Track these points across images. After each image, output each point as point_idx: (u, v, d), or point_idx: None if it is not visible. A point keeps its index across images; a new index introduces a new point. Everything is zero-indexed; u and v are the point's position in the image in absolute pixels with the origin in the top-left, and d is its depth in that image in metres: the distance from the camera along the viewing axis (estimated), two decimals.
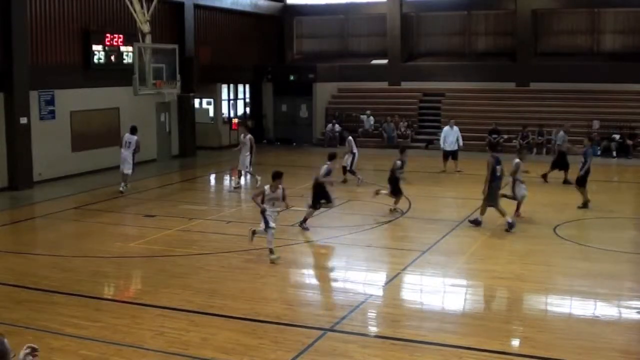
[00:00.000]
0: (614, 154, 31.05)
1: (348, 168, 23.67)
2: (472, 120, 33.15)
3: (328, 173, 17.56)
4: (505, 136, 32.46)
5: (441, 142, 27.26)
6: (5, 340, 4.53)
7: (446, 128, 27.32)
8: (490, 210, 17.29)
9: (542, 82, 34.92)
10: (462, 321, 11.30)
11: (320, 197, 17.38)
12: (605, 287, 12.84)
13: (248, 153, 23.02)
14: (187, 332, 10.41)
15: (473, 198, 21.04)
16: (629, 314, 11.64)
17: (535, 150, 31.93)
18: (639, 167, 28.68)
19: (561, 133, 25.02)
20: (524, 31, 35.97)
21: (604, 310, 11.89)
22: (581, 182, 19.81)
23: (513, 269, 13.95)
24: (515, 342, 10.58)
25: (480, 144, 30.67)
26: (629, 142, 30.91)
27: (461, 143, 26.82)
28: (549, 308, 12.11)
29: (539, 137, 32.31)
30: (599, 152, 31.00)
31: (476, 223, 17.28)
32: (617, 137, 31.57)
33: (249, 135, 23.38)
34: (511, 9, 36.22)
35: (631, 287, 12.81)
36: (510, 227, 16.69)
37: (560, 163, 24.01)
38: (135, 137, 22.29)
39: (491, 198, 17.18)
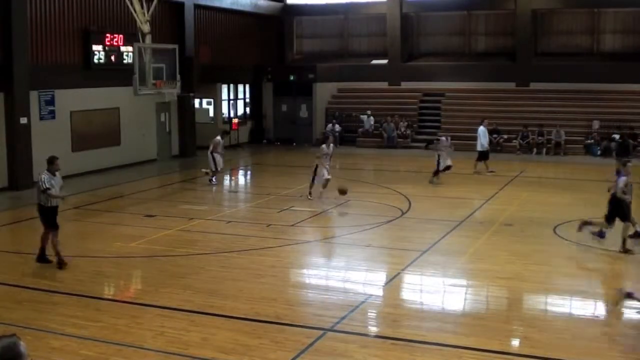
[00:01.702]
0: (614, 153, 31.05)
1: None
2: (472, 120, 33.13)
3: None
4: (505, 136, 32.51)
5: (478, 144, 26.29)
6: (22, 343, 4.34)
7: (482, 128, 26.56)
8: (489, 210, 17.30)
9: (542, 82, 34.93)
10: (461, 321, 11.29)
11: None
12: (606, 287, 12.84)
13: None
14: (187, 332, 10.41)
15: (472, 198, 21.14)
16: (629, 314, 11.63)
17: (535, 150, 31.97)
18: (635, 166, 28.67)
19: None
20: (523, 31, 35.98)
21: (604, 310, 11.89)
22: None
23: (513, 269, 13.96)
24: (515, 342, 10.58)
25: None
26: (631, 141, 30.88)
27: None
28: (549, 308, 12.11)
29: (539, 137, 32.34)
30: (599, 153, 31.04)
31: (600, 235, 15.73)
32: (617, 137, 31.57)
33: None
34: (511, 9, 36.22)
35: (631, 287, 12.77)
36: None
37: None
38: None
39: None
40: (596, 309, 11.96)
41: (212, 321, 10.96)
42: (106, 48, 26.50)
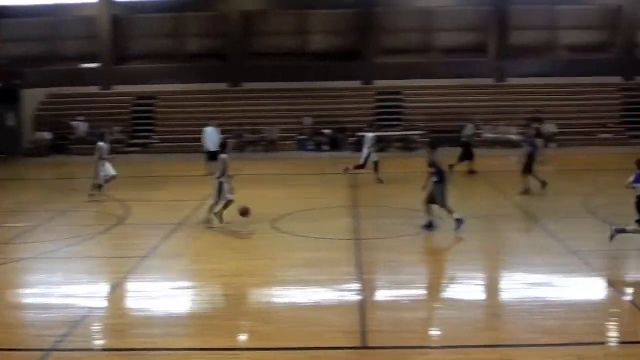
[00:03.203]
0: (326, 147, 32.80)
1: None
2: (187, 122, 33.20)
3: None
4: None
5: (206, 144, 26.01)
6: None
7: (209, 129, 26.31)
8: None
9: (255, 82, 35.88)
10: (189, 323, 11.19)
11: None
12: (325, 274, 13.40)
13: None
14: None
15: (190, 199, 21.05)
16: (349, 297, 12.24)
17: (250, 148, 32.70)
18: (348, 159, 30.50)
19: (470, 126, 26.36)
20: (234, 32, 36.70)
21: (325, 295, 12.42)
22: (527, 170, 20.70)
23: (236, 266, 14.10)
24: (243, 337, 10.69)
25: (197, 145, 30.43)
26: (340, 136, 32.77)
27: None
28: (274, 300, 12.39)
29: (254, 136, 33.17)
30: (311, 147, 32.53)
31: None
32: (328, 131, 33.35)
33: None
34: (221, 11, 36.73)
35: (348, 272, 13.46)
36: None
37: (467, 154, 25.19)
38: None
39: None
40: (318, 295, 12.43)
41: None
42: None
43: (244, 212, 17.22)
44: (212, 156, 25.93)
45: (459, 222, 16.21)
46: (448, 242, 16.19)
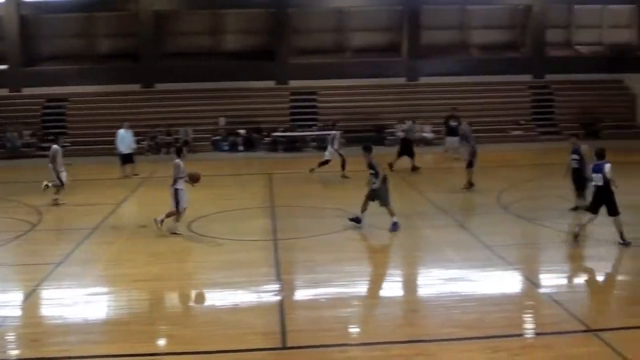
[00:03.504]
0: (241, 148, 32.74)
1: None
2: (99, 125, 32.59)
3: None
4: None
5: (120, 147, 25.60)
6: None
7: (121, 131, 25.96)
8: (122, 214, 17.10)
9: (168, 83, 35.47)
10: (106, 329, 10.98)
11: None
12: (243, 275, 13.37)
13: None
14: None
15: (105, 203, 20.64)
16: (267, 298, 12.24)
17: (165, 150, 32.29)
18: (263, 159, 30.53)
19: (409, 123, 26.96)
20: (146, 32, 36.16)
21: (244, 297, 12.38)
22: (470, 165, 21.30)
23: (152, 270, 13.91)
24: (162, 342, 10.57)
25: (111, 148, 29.73)
26: (256, 135, 32.72)
27: None
28: (193, 303, 12.32)
29: (168, 137, 32.78)
30: (226, 148, 32.36)
31: None
32: (243, 131, 33.26)
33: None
34: (133, 11, 36.14)
35: (265, 272, 13.47)
36: None
37: (406, 151, 25.50)
38: None
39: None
40: (236, 297, 12.38)
41: None
42: None
43: (196, 179, 16.71)
44: (126, 159, 25.55)
45: (395, 225, 16.41)
46: (365, 240, 16.37)
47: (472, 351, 9.72)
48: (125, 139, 25.71)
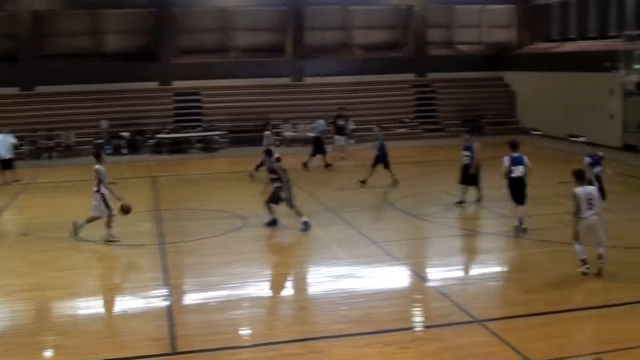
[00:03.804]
0: (125, 151, 32.14)
1: None
2: None
3: None
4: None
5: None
6: None
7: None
8: (2, 222, 16.49)
9: (48, 85, 34.39)
10: None
11: None
12: (131, 281, 13.17)
13: None
14: None
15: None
16: (156, 303, 12.07)
17: (47, 155, 31.32)
18: (148, 161, 30.06)
19: (321, 121, 27.19)
20: (25, 34, 34.89)
21: (132, 303, 12.17)
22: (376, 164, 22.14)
23: (35, 279, 13.45)
24: (49, 353, 10.28)
25: None
26: (139, 137, 32.16)
27: None
28: (79, 312, 11.98)
29: (49, 141, 31.82)
30: (109, 151, 31.64)
31: None
32: (126, 134, 32.65)
33: None
34: (10, 11, 34.82)
35: (154, 277, 13.28)
36: None
37: (318, 149, 26.05)
38: None
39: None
40: (125, 303, 12.16)
41: None
42: None
43: (127, 210, 16.27)
44: (5, 164, 24.64)
45: (306, 224, 16.53)
46: (254, 241, 16.34)
47: (363, 346, 9.89)
48: (3, 144, 24.80)
